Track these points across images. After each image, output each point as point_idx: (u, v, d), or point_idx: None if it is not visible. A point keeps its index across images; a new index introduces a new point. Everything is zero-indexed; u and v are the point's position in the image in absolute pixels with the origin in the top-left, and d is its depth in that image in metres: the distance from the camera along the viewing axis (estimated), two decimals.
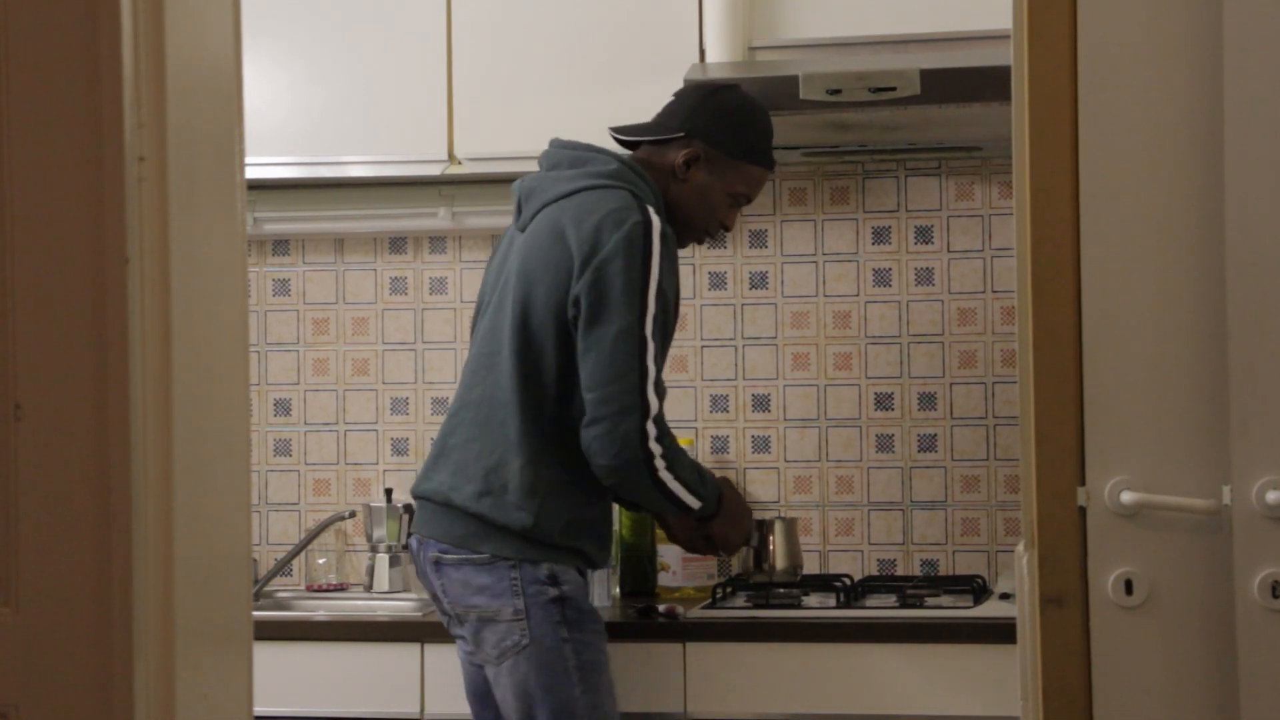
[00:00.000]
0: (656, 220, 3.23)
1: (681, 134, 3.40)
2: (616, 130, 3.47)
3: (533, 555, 3.25)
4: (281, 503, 4.44)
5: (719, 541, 3.45)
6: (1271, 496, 2.31)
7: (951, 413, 4.18)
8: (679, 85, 3.78)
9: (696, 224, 3.43)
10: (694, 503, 3.30)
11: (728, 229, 3.47)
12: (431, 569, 3.34)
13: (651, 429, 3.19)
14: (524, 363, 3.26)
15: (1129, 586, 2.38)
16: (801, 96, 3.69)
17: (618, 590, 4.04)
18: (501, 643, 3.25)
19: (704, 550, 3.51)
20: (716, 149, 3.39)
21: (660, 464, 3.21)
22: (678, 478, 3.25)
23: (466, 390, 3.37)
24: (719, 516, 3.39)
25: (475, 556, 3.27)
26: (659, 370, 3.22)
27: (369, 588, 4.24)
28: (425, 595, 4.08)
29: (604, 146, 3.42)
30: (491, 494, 3.26)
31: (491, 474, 3.27)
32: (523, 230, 3.37)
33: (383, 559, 4.23)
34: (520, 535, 3.25)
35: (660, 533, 3.93)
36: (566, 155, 3.39)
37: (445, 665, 3.73)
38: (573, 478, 3.28)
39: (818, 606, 3.72)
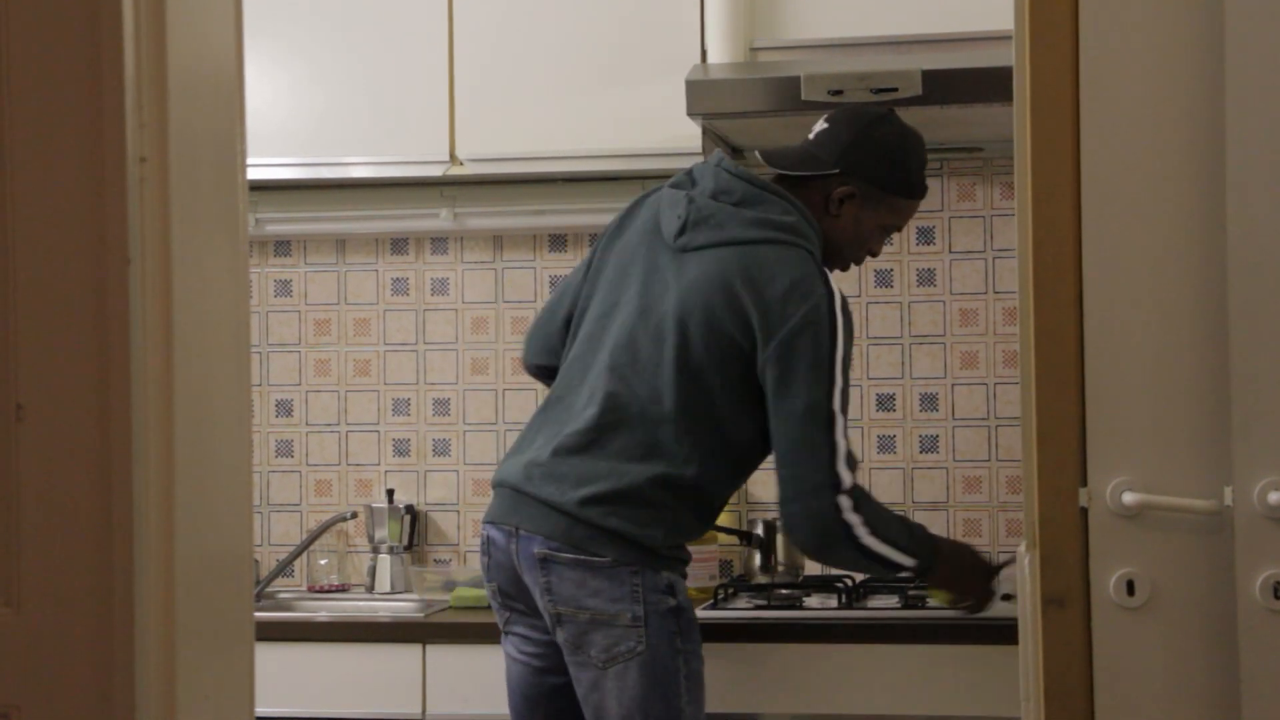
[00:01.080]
0: (838, 292, 3.20)
1: (836, 170, 3.31)
2: (766, 156, 3.37)
3: (655, 564, 3.21)
4: (283, 503, 4.44)
5: (948, 593, 3.42)
6: (1273, 497, 2.31)
7: (953, 413, 4.18)
8: (681, 86, 3.78)
9: (846, 255, 3.38)
10: (906, 560, 3.27)
11: (875, 255, 3.42)
12: (534, 564, 3.22)
13: (845, 501, 3.17)
14: (683, 403, 3.21)
15: (1130, 587, 2.38)
16: (803, 97, 3.69)
17: None
18: (614, 647, 3.18)
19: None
20: (872, 186, 3.33)
21: (862, 532, 3.19)
22: (885, 540, 3.22)
23: (604, 412, 3.25)
24: (940, 570, 3.34)
25: (595, 559, 3.20)
26: (849, 443, 3.19)
27: (370, 589, 4.24)
28: (427, 597, 4.09)
29: (767, 181, 3.31)
30: (618, 516, 3.19)
31: (623, 497, 3.20)
32: (682, 252, 3.27)
33: (384, 560, 4.23)
34: (648, 548, 3.21)
35: None
36: (740, 188, 3.28)
37: (447, 666, 3.73)
38: (698, 511, 3.27)
39: (819, 607, 3.72)
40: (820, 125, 3.38)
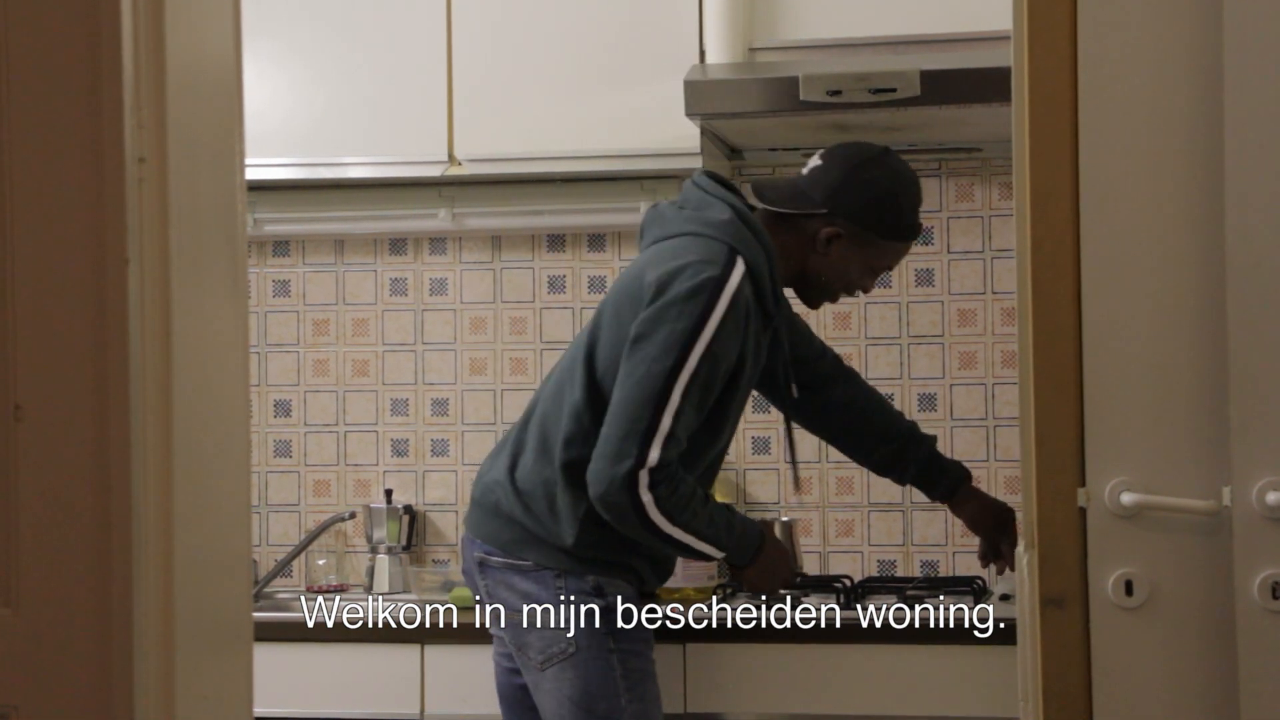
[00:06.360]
0: (735, 280, 3.15)
1: (825, 210, 3.27)
2: (758, 189, 3.35)
3: (578, 569, 3.23)
4: (281, 504, 4.44)
5: (747, 584, 3.33)
6: (1271, 497, 2.31)
7: (951, 414, 4.18)
8: (679, 86, 3.78)
9: (834, 289, 3.35)
10: (713, 551, 3.22)
11: (866, 292, 3.40)
12: (476, 569, 3.33)
13: (644, 478, 3.10)
14: (586, 393, 3.22)
15: (1129, 587, 2.38)
16: (802, 98, 3.69)
17: None
18: (547, 649, 3.23)
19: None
20: (861, 229, 3.28)
21: (654, 512, 3.11)
22: (686, 528, 3.15)
23: (537, 405, 3.34)
24: (755, 565, 3.28)
25: (520, 563, 3.25)
26: (679, 427, 3.12)
27: (369, 589, 4.24)
28: (425, 597, 4.09)
29: (737, 193, 3.29)
30: (536, 510, 3.24)
31: (541, 489, 3.24)
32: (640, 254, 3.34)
33: (383, 560, 4.24)
34: (562, 550, 3.23)
35: None
36: (695, 195, 3.29)
37: (445, 666, 3.73)
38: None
39: (818, 608, 3.72)
40: (814, 161, 3.34)
